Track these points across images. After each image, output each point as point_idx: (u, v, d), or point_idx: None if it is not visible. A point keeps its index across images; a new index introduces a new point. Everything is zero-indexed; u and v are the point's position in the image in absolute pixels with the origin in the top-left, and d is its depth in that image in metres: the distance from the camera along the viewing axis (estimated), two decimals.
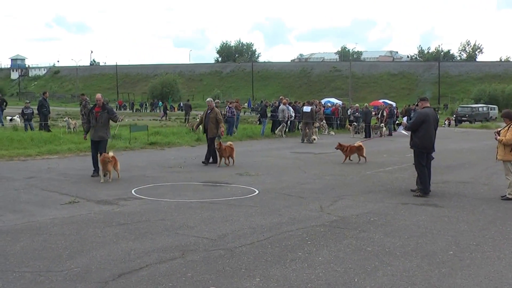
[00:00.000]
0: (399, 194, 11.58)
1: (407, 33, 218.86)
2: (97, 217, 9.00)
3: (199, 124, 18.87)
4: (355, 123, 32.52)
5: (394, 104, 39.83)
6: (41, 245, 7.20)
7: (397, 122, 35.32)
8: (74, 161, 16.69)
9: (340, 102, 46.01)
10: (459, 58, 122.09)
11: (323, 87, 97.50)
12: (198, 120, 19.21)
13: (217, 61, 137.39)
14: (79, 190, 11.46)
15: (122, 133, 22.89)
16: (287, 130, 29.10)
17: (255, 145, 23.88)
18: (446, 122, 45.69)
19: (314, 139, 25.79)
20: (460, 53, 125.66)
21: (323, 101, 45.31)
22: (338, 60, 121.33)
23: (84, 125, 14.36)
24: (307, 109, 26.69)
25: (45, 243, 7.31)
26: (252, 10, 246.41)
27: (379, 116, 34.04)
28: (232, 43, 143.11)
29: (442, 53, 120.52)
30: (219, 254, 6.92)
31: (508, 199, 10.97)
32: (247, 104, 67.69)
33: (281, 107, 28.71)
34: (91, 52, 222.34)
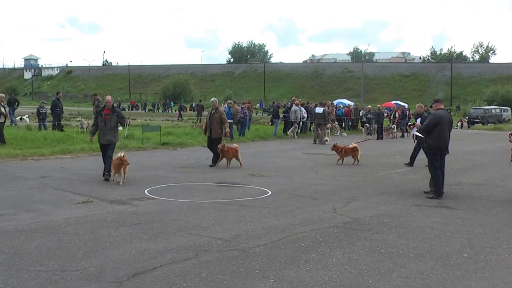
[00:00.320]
0: (412, 196, 11.53)
1: (419, 34, 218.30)
2: (110, 217, 9.04)
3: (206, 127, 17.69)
4: (367, 124, 32.48)
5: (406, 106, 39.67)
6: (55, 244, 7.24)
7: (409, 123, 35.14)
8: (87, 161, 16.77)
9: (352, 104, 45.85)
10: (471, 59, 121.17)
11: (335, 88, 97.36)
12: (205, 122, 18.11)
13: (229, 61, 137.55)
14: (93, 190, 11.52)
15: (134, 133, 23.01)
16: (299, 131, 29.09)
17: (267, 146, 23.89)
18: (458, 124, 45.42)
19: (326, 140, 25.74)
20: (473, 54, 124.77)
21: (335, 103, 45.21)
22: (350, 61, 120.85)
23: (93, 127, 14.12)
24: (319, 110, 26.68)
25: (60, 243, 7.35)
26: (264, 11, 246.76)
27: (391, 117, 33.91)
28: (244, 44, 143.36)
29: (454, 55, 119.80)
30: (233, 254, 6.92)
31: None
32: (259, 105, 67.70)
33: (293, 108, 28.69)
34: (104, 52, 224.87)
